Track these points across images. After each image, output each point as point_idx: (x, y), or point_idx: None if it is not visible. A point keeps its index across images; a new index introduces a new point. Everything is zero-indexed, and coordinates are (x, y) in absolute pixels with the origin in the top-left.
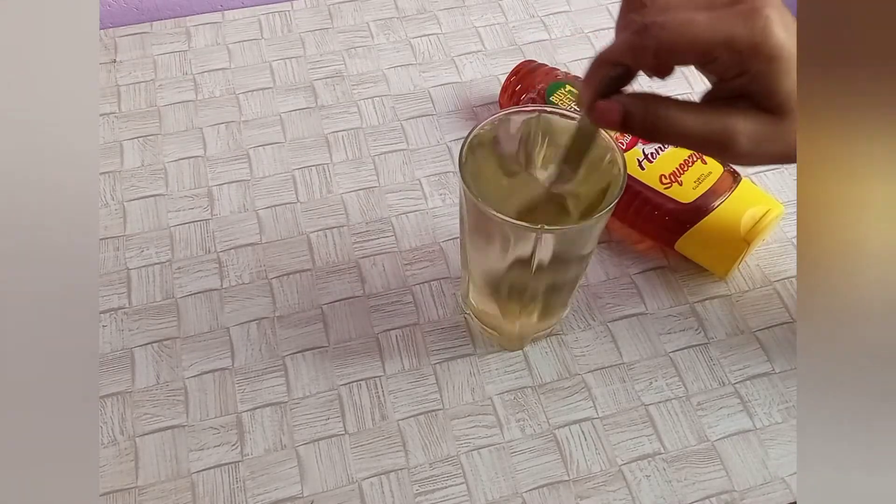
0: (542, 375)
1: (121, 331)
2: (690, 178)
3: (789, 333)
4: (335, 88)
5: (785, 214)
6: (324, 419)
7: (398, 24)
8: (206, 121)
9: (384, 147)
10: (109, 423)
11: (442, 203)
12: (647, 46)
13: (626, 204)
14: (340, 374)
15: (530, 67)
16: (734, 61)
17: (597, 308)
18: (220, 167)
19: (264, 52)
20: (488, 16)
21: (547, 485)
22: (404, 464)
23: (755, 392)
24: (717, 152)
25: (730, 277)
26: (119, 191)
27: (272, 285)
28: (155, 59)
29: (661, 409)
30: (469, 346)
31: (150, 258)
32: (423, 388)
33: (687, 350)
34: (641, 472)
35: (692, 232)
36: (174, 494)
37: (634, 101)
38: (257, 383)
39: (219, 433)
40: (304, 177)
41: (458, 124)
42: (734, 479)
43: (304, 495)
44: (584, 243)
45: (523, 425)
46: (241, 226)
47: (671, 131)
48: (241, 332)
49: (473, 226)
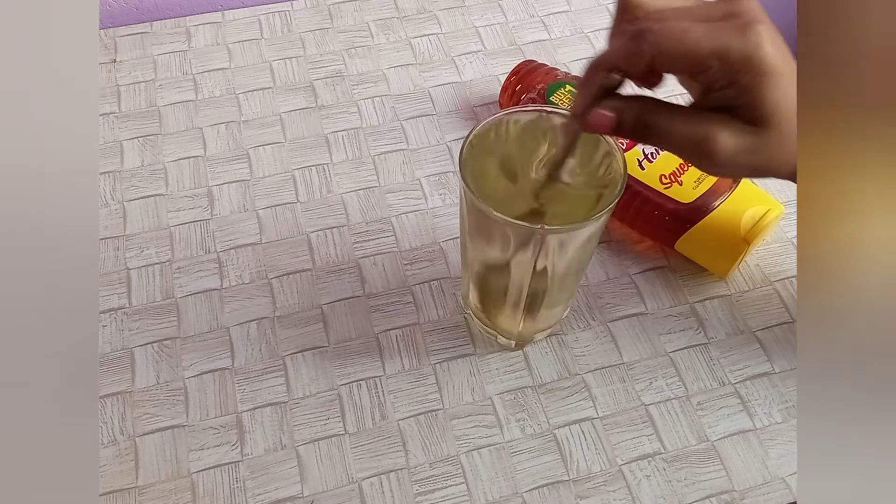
0: (542, 375)
1: (121, 331)
2: (690, 177)
3: (789, 333)
4: (335, 88)
5: (785, 214)
6: (324, 419)
7: (398, 24)
8: (206, 121)
9: (384, 147)
10: (109, 423)
11: (442, 203)
12: (644, 52)
13: (626, 204)
14: (340, 374)
15: (530, 67)
16: (725, 72)
17: (597, 308)
18: (220, 167)
19: (264, 52)
20: (488, 16)
21: (547, 485)
22: (404, 464)
23: (755, 392)
24: (698, 158)
25: (730, 277)
26: (119, 191)
27: (272, 285)
28: (155, 58)
29: (661, 408)
30: (469, 346)
31: (150, 258)
32: (423, 388)
33: (687, 350)
34: (641, 472)
35: (692, 232)
36: (174, 494)
37: (627, 106)
38: (257, 383)
39: (219, 433)
40: (304, 177)
41: (458, 124)
42: (734, 479)
43: (304, 495)
44: (585, 243)
45: (523, 425)
46: (241, 226)
47: (658, 135)
48: (241, 332)
49: (473, 226)
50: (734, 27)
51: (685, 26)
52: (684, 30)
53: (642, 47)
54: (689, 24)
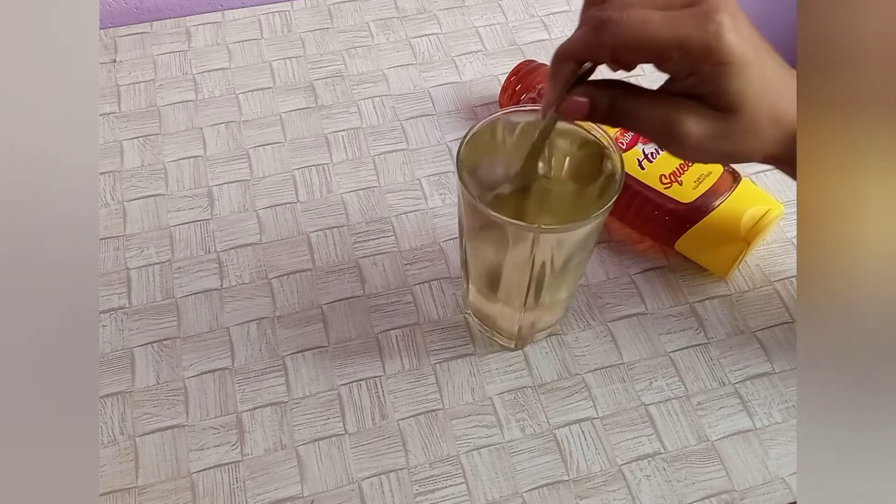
0: (542, 375)
1: (121, 331)
2: (690, 177)
3: (789, 333)
4: (335, 88)
5: (785, 214)
6: (324, 419)
7: (398, 24)
8: (206, 121)
9: (384, 147)
10: (109, 423)
11: (442, 203)
12: (604, 44)
13: (626, 204)
14: (340, 374)
15: (530, 67)
16: (686, 62)
17: (597, 308)
18: (220, 167)
19: (264, 52)
20: (488, 16)
21: (547, 485)
22: (404, 464)
23: (755, 392)
24: (668, 142)
25: (730, 277)
26: (119, 191)
27: (272, 285)
28: (155, 58)
29: (661, 408)
30: (469, 346)
31: (150, 258)
32: (423, 388)
33: (687, 350)
34: (641, 472)
35: (692, 232)
36: (174, 494)
37: (599, 92)
38: (257, 383)
39: (219, 433)
40: (304, 177)
41: (458, 124)
42: (734, 479)
43: (304, 495)
44: (583, 243)
45: (523, 425)
46: (241, 226)
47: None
48: (241, 332)
49: (472, 225)
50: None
51: (645, 16)
52: (645, 20)
53: (602, 38)
54: (650, 13)
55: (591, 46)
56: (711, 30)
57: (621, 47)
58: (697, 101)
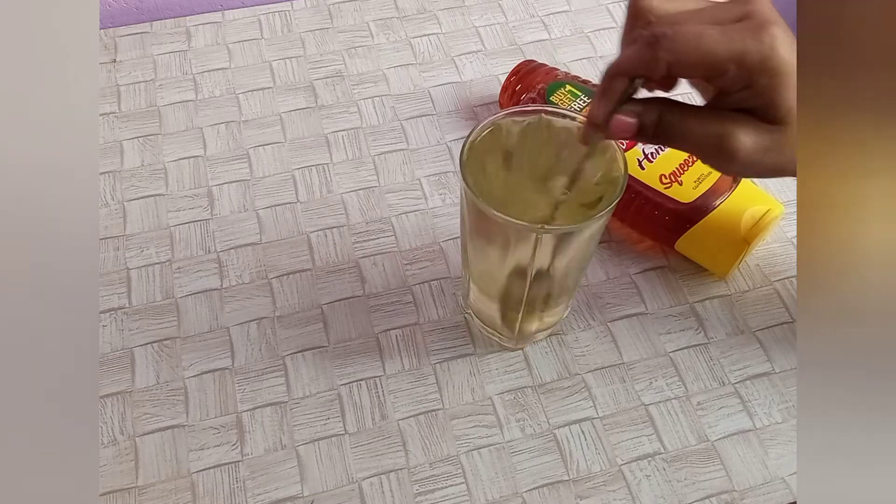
0: (542, 375)
1: (121, 331)
2: (690, 177)
3: (789, 333)
4: (335, 88)
5: (785, 214)
6: (324, 419)
7: (398, 24)
8: (206, 121)
9: (384, 147)
10: (109, 423)
11: (442, 203)
12: (660, 58)
13: (626, 204)
14: (340, 374)
15: (530, 67)
16: (742, 75)
17: (597, 308)
18: (220, 167)
19: (264, 52)
20: (488, 16)
21: (547, 485)
22: (404, 464)
23: (755, 392)
24: (718, 158)
25: (730, 277)
26: (119, 190)
27: (272, 285)
28: (155, 58)
29: (661, 408)
30: (469, 345)
31: (150, 258)
32: (423, 388)
33: (687, 350)
34: (641, 472)
35: (692, 232)
36: (174, 494)
37: (647, 110)
38: (257, 383)
39: (219, 433)
40: (304, 177)
41: (458, 124)
42: (734, 479)
43: (304, 495)
44: (585, 243)
45: (523, 425)
46: (241, 226)
47: (679, 137)
48: (241, 332)
49: (474, 226)
50: (749, 29)
51: (699, 30)
52: (699, 34)
53: (658, 54)
54: (703, 28)
55: (648, 62)
56: (767, 42)
57: (678, 62)
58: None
